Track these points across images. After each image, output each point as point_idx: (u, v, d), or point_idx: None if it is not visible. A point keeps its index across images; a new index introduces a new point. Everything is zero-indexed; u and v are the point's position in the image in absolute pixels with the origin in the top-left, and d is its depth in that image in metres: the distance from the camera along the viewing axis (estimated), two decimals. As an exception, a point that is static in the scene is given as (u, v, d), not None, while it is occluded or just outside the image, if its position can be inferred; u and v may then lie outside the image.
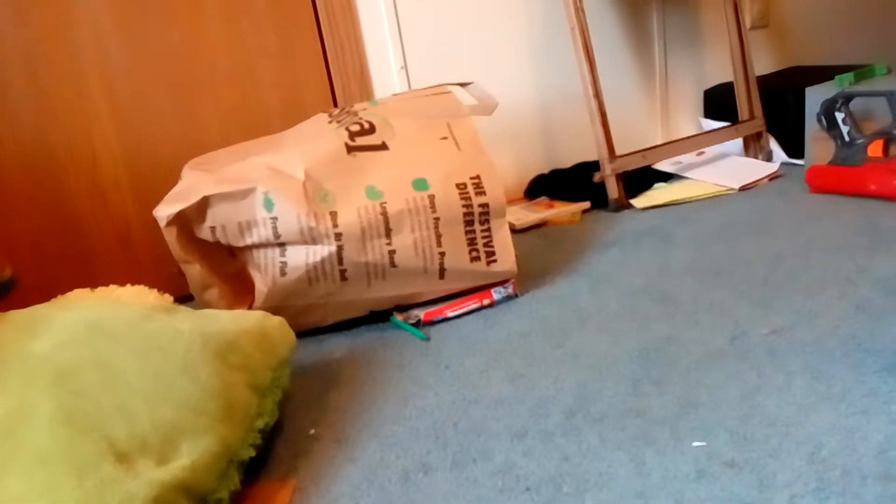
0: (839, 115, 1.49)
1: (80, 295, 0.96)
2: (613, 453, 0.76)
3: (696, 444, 0.75)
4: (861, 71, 1.65)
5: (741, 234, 1.34)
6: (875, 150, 1.43)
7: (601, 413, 0.84)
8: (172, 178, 1.16)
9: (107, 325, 0.80)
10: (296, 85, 1.49)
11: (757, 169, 1.70)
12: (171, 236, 1.07)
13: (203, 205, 1.06)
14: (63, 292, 0.98)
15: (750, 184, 1.63)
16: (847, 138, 1.49)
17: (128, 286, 0.99)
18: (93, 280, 1.10)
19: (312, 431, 0.89)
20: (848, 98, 1.48)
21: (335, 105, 1.54)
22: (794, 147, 1.72)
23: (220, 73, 1.42)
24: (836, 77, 1.62)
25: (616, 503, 0.68)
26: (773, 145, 1.77)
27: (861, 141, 1.46)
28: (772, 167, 1.70)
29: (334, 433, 0.88)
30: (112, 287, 0.98)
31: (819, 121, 1.52)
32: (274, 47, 1.46)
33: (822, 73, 1.73)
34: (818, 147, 1.59)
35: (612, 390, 0.88)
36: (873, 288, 1.04)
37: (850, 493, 0.65)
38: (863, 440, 0.72)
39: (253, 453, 0.78)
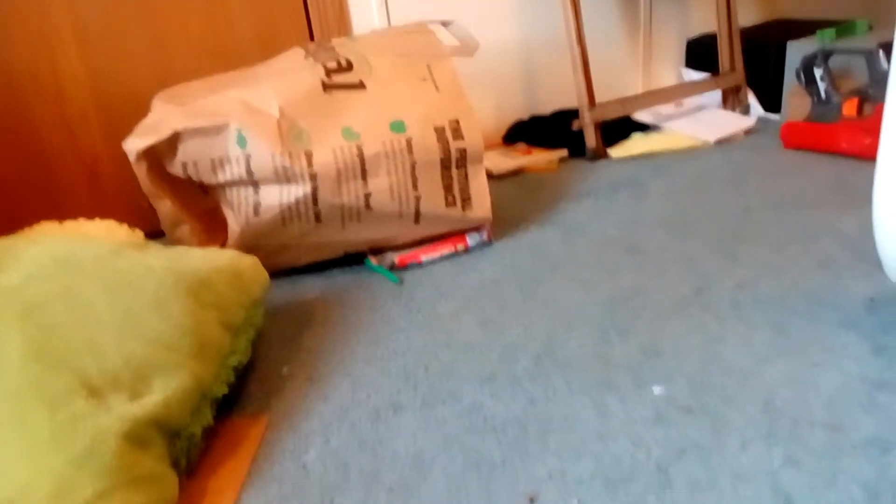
0: (818, 72, 1.49)
1: (47, 228, 0.94)
2: (578, 397, 0.79)
3: (656, 389, 0.78)
4: (843, 27, 1.64)
5: (713, 188, 1.36)
6: (850, 108, 1.45)
7: (568, 359, 0.86)
8: (142, 109, 1.12)
9: (76, 259, 0.79)
10: (270, 15, 1.44)
11: (733, 122, 1.71)
12: (141, 171, 1.05)
13: (174, 140, 1.03)
14: (29, 225, 0.96)
15: (725, 137, 1.64)
16: (823, 96, 1.50)
17: (97, 220, 0.97)
18: (59, 213, 1.08)
19: (285, 370, 0.90)
20: (827, 55, 1.48)
21: (311, 38, 1.49)
22: (773, 101, 1.73)
23: None
24: (818, 32, 1.61)
25: (578, 444, 0.71)
26: (751, 99, 1.77)
27: (837, 99, 1.47)
28: (748, 121, 1.71)
29: (306, 372, 0.89)
30: (80, 221, 0.96)
31: (798, 76, 1.52)
32: (248, -25, 1.40)
33: (806, 28, 1.72)
34: (796, 102, 1.60)
35: (580, 338, 0.90)
36: (837, 245, 1.07)
37: (797, 440, 0.68)
38: (815, 392, 0.75)
39: (226, 390, 0.79)
